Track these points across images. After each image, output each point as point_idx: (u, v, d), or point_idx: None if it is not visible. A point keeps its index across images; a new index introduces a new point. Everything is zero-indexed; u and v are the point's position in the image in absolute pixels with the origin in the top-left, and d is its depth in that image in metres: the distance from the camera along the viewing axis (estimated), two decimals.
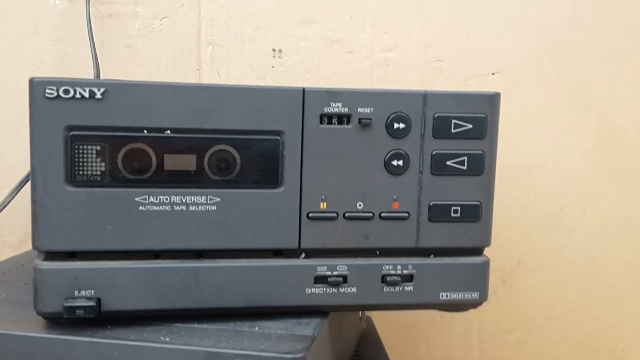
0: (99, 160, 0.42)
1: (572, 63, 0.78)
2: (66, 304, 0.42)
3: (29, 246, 0.74)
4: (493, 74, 0.78)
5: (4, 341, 0.42)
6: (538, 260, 0.81)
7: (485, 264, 0.47)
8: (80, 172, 0.42)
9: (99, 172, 0.42)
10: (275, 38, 0.78)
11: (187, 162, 0.43)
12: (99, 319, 0.43)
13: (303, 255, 0.46)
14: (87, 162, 0.42)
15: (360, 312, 0.65)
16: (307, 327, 0.45)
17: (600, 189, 0.80)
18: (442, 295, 0.47)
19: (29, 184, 0.70)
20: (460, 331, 0.83)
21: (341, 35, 0.78)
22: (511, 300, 0.82)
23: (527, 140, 0.79)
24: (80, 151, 0.42)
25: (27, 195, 0.71)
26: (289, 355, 0.40)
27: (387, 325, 0.74)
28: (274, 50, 0.79)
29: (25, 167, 0.70)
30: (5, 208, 0.71)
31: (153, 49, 0.78)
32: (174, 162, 0.43)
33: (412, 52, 0.78)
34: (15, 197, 0.71)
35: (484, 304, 0.78)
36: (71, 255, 0.43)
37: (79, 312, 0.42)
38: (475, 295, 0.47)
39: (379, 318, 0.75)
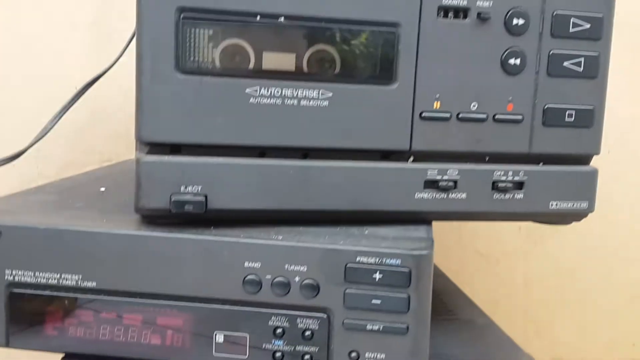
0: (211, 46, 0.39)
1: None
2: (174, 199, 0.39)
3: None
4: None
5: (102, 240, 0.40)
6: None
7: (595, 173, 0.46)
8: (191, 59, 0.39)
9: (210, 60, 0.39)
10: None
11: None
12: (203, 218, 0.40)
13: (412, 159, 0.43)
14: (199, 48, 0.39)
15: None
16: (419, 232, 0.43)
17: None
18: (552, 204, 0.45)
19: (68, 112, 0.67)
20: (506, 275, 0.82)
21: None
22: (555, 244, 0.81)
23: None
24: (192, 36, 0.39)
25: (67, 125, 0.68)
26: (416, 252, 0.38)
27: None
28: None
29: (64, 97, 0.67)
30: (43, 138, 0.67)
31: None
32: (288, 52, 0.41)
33: None
34: (55, 126, 0.68)
35: (530, 246, 0.77)
36: (175, 150, 0.40)
37: (188, 207, 0.39)
38: (584, 204, 0.45)
39: None
